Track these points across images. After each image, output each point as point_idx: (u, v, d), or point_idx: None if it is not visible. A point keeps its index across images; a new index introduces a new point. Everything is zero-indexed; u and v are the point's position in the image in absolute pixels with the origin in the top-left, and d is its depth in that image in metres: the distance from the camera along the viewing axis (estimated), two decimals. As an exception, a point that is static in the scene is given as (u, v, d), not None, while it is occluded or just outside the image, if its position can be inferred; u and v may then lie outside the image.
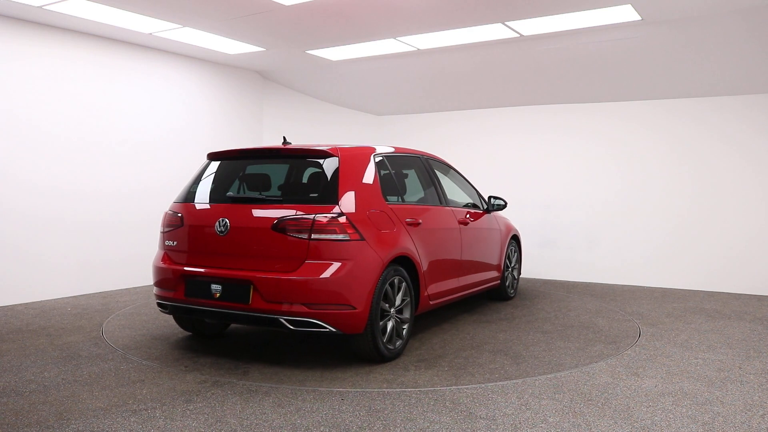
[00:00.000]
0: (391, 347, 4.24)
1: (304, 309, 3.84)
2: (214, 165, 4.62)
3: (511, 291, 6.69)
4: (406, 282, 4.40)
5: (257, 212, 4.09)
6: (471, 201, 5.98)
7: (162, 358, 4.31)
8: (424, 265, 4.63)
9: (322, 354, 4.45)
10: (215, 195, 4.41)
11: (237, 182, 4.51)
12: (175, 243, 4.39)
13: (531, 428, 3.09)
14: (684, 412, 3.32)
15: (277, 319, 3.88)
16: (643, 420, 3.20)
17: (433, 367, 4.12)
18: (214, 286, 4.06)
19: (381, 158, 4.64)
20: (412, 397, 3.52)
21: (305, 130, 9.02)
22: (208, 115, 8.01)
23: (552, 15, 5.64)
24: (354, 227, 3.99)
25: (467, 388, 3.69)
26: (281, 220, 3.95)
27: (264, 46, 7.02)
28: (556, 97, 8.19)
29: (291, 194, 4.40)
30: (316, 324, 3.86)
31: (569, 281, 8.04)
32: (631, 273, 7.79)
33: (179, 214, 4.42)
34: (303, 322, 3.85)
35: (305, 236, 3.89)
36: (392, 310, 4.28)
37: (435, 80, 8.19)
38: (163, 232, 4.51)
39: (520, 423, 3.15)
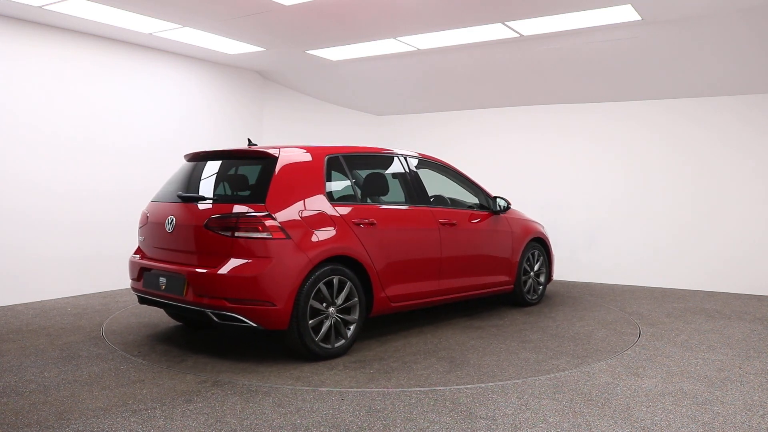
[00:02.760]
0: (327, 346, 4.27)
1: (226, 303, 4.02)
2: (184, 165, 4.92)
3: (534, 297, 6.30)
4: (352, 282, 4.41)
5: (195, 211, 4.35)
6: (475, 202, 5.87)
7: (162, 357, 4.31)
8: (379, 265, 4.60)
9: (259, 347, 4.56)
10: (172, 195, 4.66)
11: (191, 182, 4.70)
12: (143, 238, 4.83)
13: (531, 428, 3.09)
14: (684, 412, 3.32)
15: (205, 312, 4.10)
16: (643, 420, 3.20)
17: (361, 369, 4.08)
18: (161, 279, 4.41)
19: (337, 159, 4.71)
20: (412, 397, 3.52)
21: (305, 131, 9.02)
22: (208, 115, 8.01)
23: (552, 15, 5.63)
24: (279, 226, 4.09)
25: (467, 388, 3.69)
26: (211, 218, 4.18)
27: (264, 46, 7.02)
28: (556, 97, 8.19)
29: (228, 194, 4.56)
30: (238, 318, 4.03)
31: (569, 281, 8.03)
32: (631, 273, 7.79)
33: (147, 213, 4.80)
34: (226, 315, 4.05)
35: (229, 234, 4.08)
36: (331, 309, 4.30)
37: (435, 80, 8.19)
38: (138, 228, 4.95)
39: (520, 423, 3.15)
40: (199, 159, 4.80)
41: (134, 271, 4.74)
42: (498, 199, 5.97)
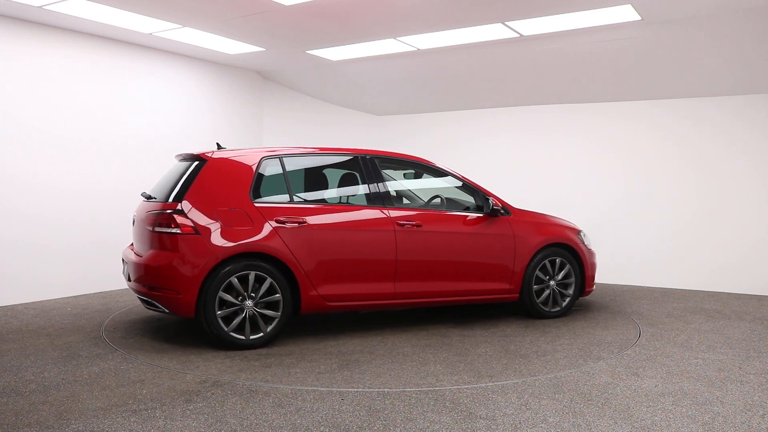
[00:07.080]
0: (240, 337, 4.51)
1: (146, 290, 4.60)
2: (172, 166, 5.28)
3: (554, 309, 5.65)
4: (274, 279, 4.57)
5: (144, 208, 4.92)
6: (472, 204, 5.63)
7: (162, 357, 4.31)
8: (308, 264, 4.68)
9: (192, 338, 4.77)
10: (145, 194, 5.20)
11: (164, 182, 5.07)
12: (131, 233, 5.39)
13: (531, 428, 3.09)
14: (684, 412, 3.32)
15: (140, 297, 4.73)
16: (643, 420, 3.20)
17: (251, 361, 4.24)
18: (126, 268, 5.02)
19: (275, 160, 4.93)
20: (412, 397, 3.52)
21: (305, 131, 9.02)
22: (208, 115, 8.01)
23: (552, 15, 5.64)
24: (189, 223, 4.47)
25: (467, 388, 3.69)
26: (146, 214, 4.77)
27: (264, 46, 7.02)
28: (557, 97, 8.19)
29: (167, 193, 4.83)
30: (155, 304, 4.57)
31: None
32: (631, 273, 7.78)
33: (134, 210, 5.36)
34: (149, 301, 4.61)
35: (151, 228, 4.61)
36: (247, 302, 4.52)
37: (435, 80, 8.19)
38: None
39: (520, 423, 3.15)
40: (178, 160, 5.25)
41: (122, 261, 5.36)
42: (490, 201, 5.49)
